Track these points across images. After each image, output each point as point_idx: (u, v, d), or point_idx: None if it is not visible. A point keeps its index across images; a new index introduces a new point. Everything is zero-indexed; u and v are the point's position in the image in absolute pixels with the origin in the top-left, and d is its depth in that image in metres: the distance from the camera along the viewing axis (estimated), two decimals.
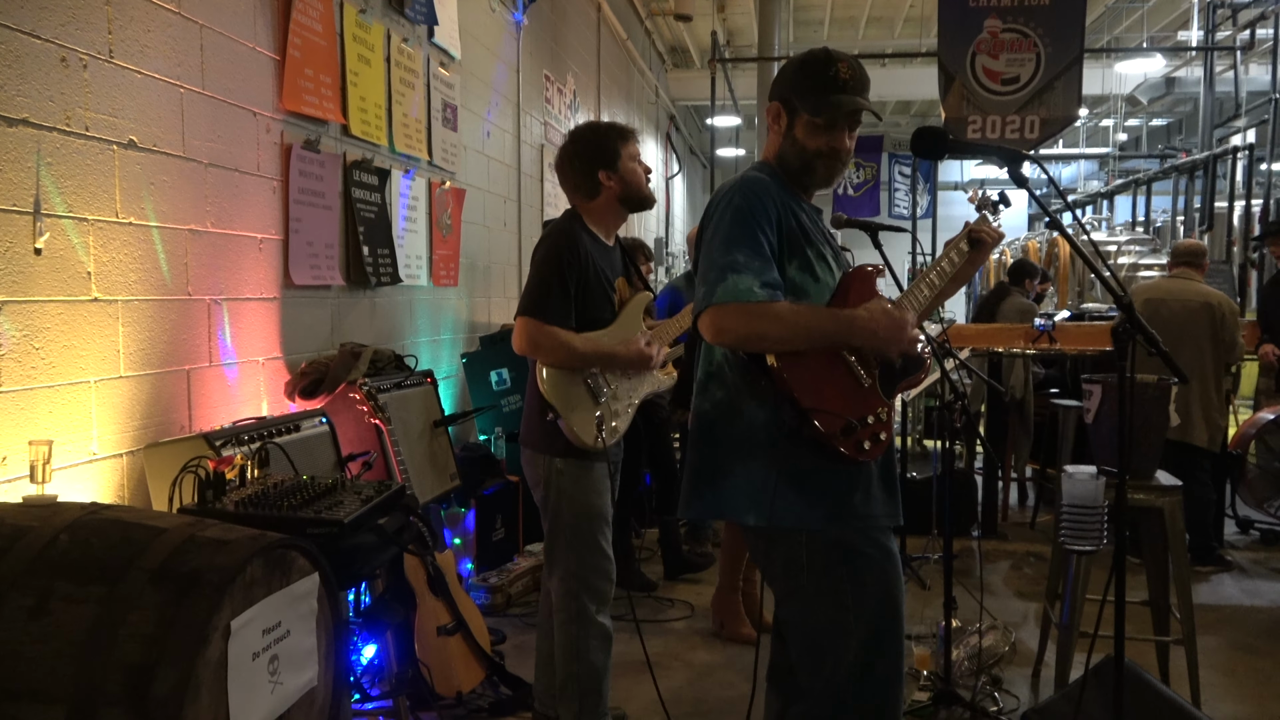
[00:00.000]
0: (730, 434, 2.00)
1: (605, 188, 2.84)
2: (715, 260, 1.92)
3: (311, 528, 2.01)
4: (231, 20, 3.13)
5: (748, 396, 1.98)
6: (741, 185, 2.02)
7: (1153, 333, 1.95)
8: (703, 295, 1.92)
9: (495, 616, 4.17)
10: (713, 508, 2.06)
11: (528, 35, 6.42)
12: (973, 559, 5.22)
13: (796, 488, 1.92)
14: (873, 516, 1.98)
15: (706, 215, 2.06)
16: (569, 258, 2.72)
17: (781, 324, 1.88)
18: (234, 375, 3.18)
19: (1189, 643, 3.13)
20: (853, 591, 1.94)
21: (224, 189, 3.11)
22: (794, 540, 1.95)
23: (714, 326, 1.90)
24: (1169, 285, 5.20)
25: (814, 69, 2.05)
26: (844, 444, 1.87)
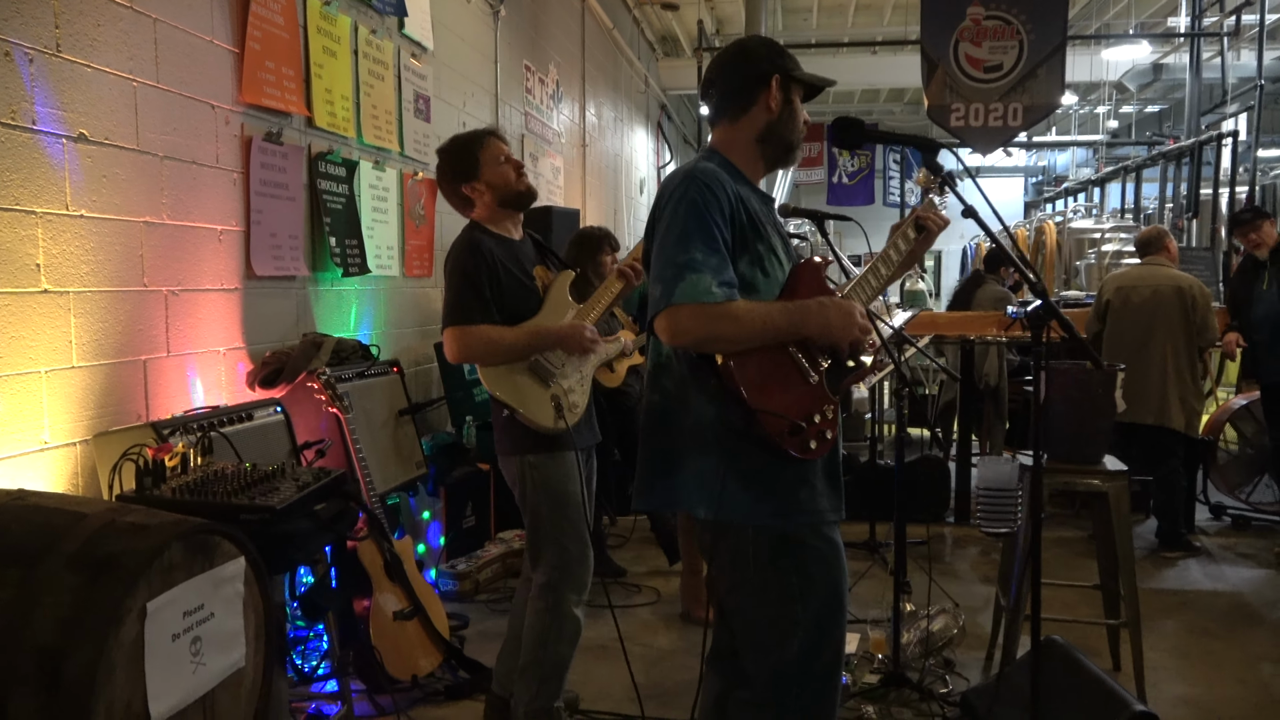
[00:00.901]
0: (680, 426, 2.01)
1: (476, 198, 2.91)
2: (670, 257, 1.89)
3: (245, 514, 2.06)
4: (186, 14, 3.16)
5: (696, 391, 1.98)
6: (694, 176, 1.97)
7: (1066, 319, 1.99)
8: (659, 295, 1.89)
9: (463, 603, 4.23)
10: (666, 499, 2.06)
11: (506, 25, 6.44)
12: (943, 545, 5.27)
13: (743, 482, 1.93)
14: (819, 511, 1.99)
15: (657, 207, 2.03)
16: (473, 263, 2.79)
17: (738, 324, 1.87)
18: (193, 365, 3.22)
19: (1133, 626, 3.18)
20: (799, 584, 1.96)
21: (181, 181, 3.15)
22: (740, 533, 1.96)
23: (672, 328, 1.88)
24: (1139, 272, 5.23)
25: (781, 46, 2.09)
26: (790, 443, 1.89)
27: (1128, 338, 5.06)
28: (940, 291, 15.11)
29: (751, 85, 2.04)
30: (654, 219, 2.02)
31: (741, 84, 2.05)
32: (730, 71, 2.07)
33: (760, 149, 2.08)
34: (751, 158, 2.09)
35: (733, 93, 2.06)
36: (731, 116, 2.07)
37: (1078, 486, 3.18)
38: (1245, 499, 5.69)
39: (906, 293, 10.73)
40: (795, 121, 2.07)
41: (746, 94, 2.04)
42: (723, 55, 2.10)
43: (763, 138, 2.07)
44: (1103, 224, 9.91)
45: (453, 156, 2.95)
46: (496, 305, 2.79)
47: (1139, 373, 4.97)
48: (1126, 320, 5.10)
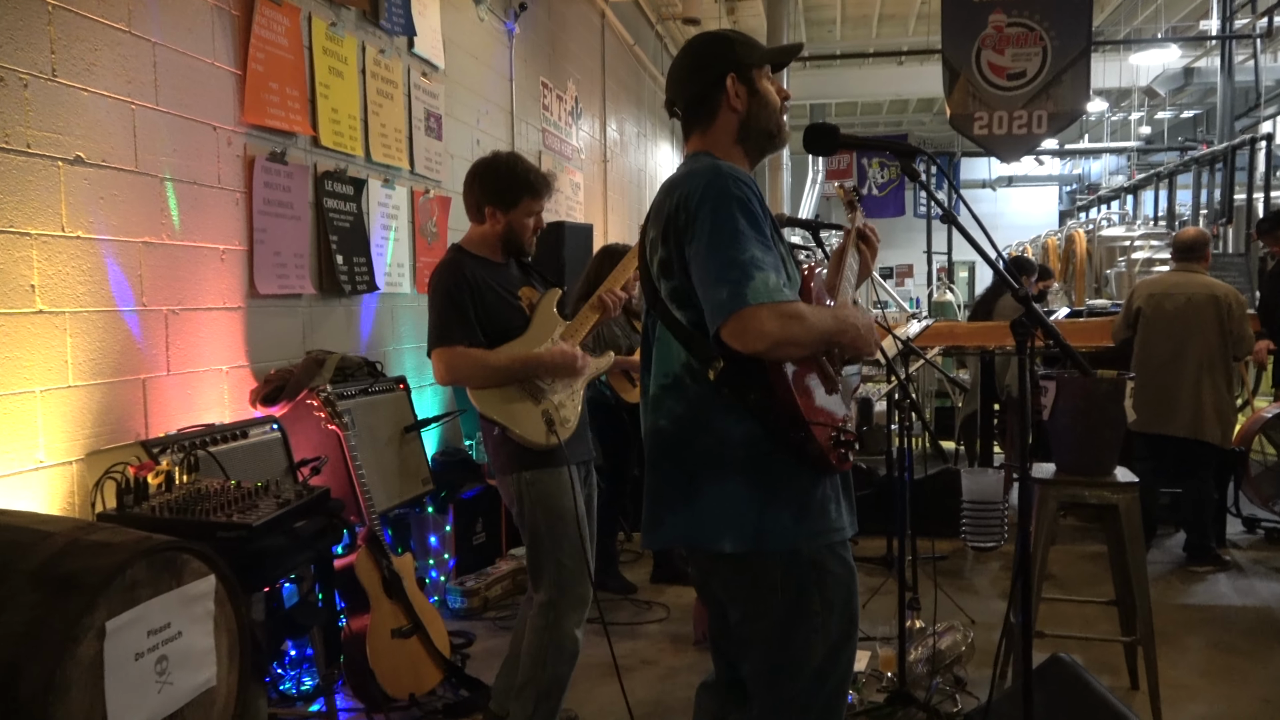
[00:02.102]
0: (696, 451, 1.86)
1: (489, 222, 2.91)
2: (730, 257, 1.73)
3: (221, 531, 2.06)
4: (186, 37, 3.20)
5: (720, 409, 1.84)
6: (727, 174, 1.83)
7: (1052, 326, 1.93)
8: (726, 298, 1.72)
9: (471, 620, 4.21)
10: (680, 534, 1.91)
11: (521, 43, 6.48)
12: (964, 559, 5.17)
13: (778, 504, 1.82)
14: (843, 529, 1.92)
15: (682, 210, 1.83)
16: (455, 284, 2.78)
17: (807, 327, 1.75)
18: (194, 384, 3.25)
19: (1147, 642, 3.08)
20: (821, 612, 1.88)
21: (181, 202, 3.18)
22: (769, 562, 1.85)
23: (750, 331, 1.70)
24: (1173, 279, 5.09)
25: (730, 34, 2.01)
26: (835, 454, 1.82)
27: (1160, 348, 4.91)
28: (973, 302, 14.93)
29: (708, 92, 1.95)
30: (679, 224, 1.83)
31: (698, 93, 1.97)
32: (685, 83, 1.99)
33: (742, 148, 1.99)
34: (737, 157, 1.99)
35: (694, 104, 1.98)
36: (702, 127, 1.99)
37: (1087, 499, 3.10)
38: (1278, 511, 5.51)
39: (934, 304, 10.60)
40: (768, 108, 1.98)
41: (707, 101, 1.96)
42: (674, 66, 2.03)
43: (741, 137, 1.98)
44: (1133, 231, 9.72)
45: (501, 179, 2.91)
46: (482, 324, 2.79)
47: (1171, 384, 4.83)
48: (1159, 329, 4.95)
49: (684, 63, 2.01)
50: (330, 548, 2.36)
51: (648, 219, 1.99)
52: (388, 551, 3.20)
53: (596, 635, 4.05)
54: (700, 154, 1.97)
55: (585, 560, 2.86)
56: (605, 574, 4.70)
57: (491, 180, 2.91)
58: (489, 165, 2.95)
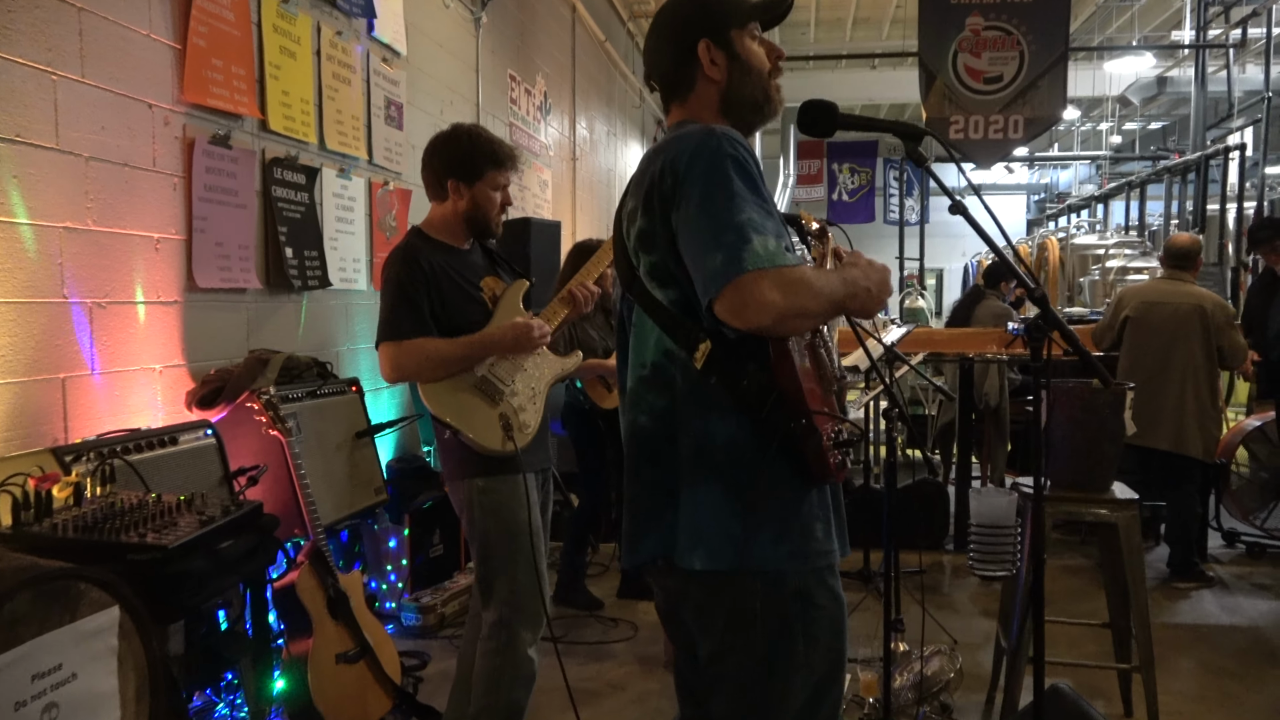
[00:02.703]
0: (676, 455, 1.63)
1: (452, 199, 2.67)
2: (725, 219, 1.51)
3: (132, 553, 1.80)
4: (118, 4, 2.93)
5: (701, 405, 1.60)
6: (724, 134, 1.60)
7: (1070, 330, 1.73)
8: (720, 264, 1.48)
9: (426, 639, 3.96)
10: (654, 550, 1.66)
11: (489, 33, 6.23)
12: (942, 574, 5.00)
13: (761, 518, 1.58)
14: (831, 551, 1.66)
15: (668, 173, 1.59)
16: (408, 273, 2.56)
17: (814, 294, 1.51)
18: (122, 384, 2.97)
19: (1147, 670, 2.90)
20: (805, 649, 1.63)
21: (110, 184, 2.91)
22: (748, 587, 1.60)
23: (750, 301, 1.47)
24: (1160, 287, 4.97)
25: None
26: (834, 456, 1.57)
27: (1145, 358, 4.78)
28: (941, 309, 14.87)
29: (682, 63, 1.73)
30: (664, 190, 1.60)
31: (673, 63, 1.75)
32: (659, 53, 1.78)
33: (727, 121, 1.74)
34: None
35: (669, 76, 1.76)
36: (680, 99, 1.77)
37: (1084, 516, 2.92)
38: (1260, 525, 5.40)
39: (906, 310, 10.48)
40: (752, 72, 1.74)
41: (682, 74, 1.74)
42: (649, 34, 1.81)
43: (723, 109, 1.75)
44: (1106, 240, 9.66)
45: (463, 149, 2.68)
46: (438, 318, 2.55)
47: (1155, 396, 4.69)
48: (1145, 339, 4.81)
49: (656, 30, 1.78)
50: (263, 569, 2.10)
51: (627, 189, 1.74)
52: (333, 569, 2.94)
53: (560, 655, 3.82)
54: (685, 121, 1.74)
55: (541, 575, 2.63)
56: (571, 589, 4.47)
57: (453, 151, 2.67)
58: (449, 136, 2.71)
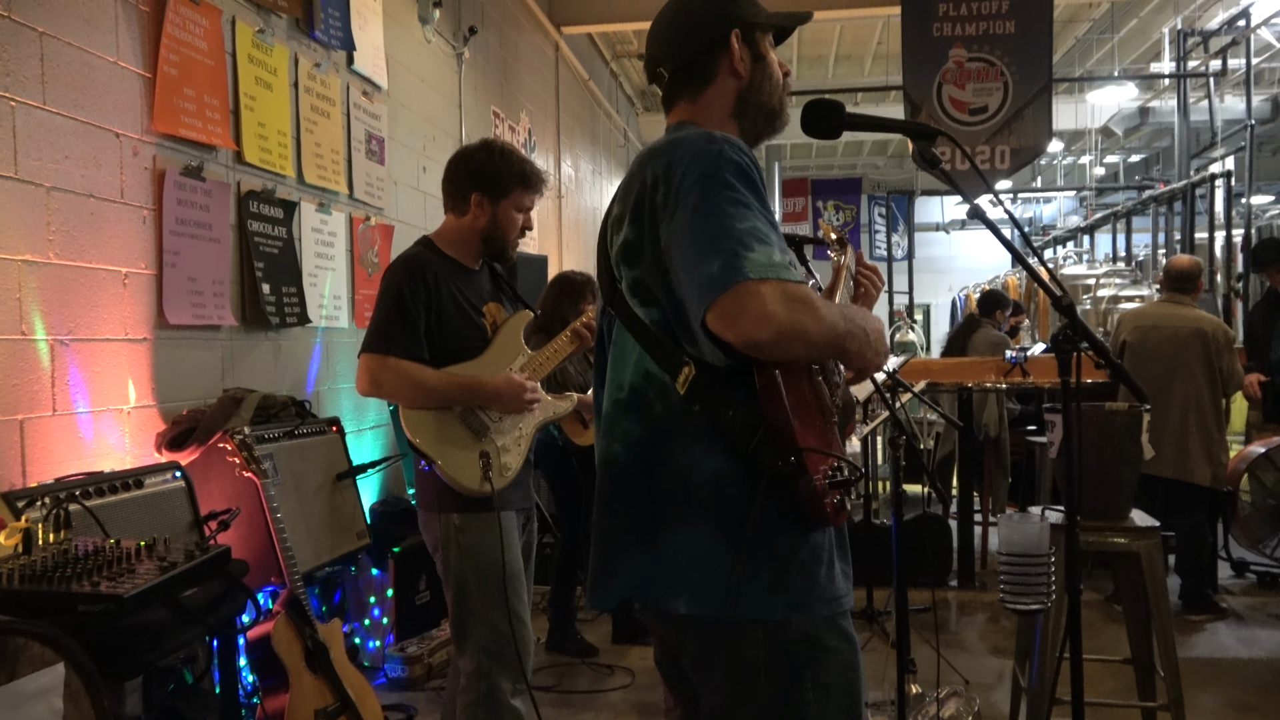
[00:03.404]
0: (655, 487, 1.48)
1: (473, 213, 2.54)
2: (725, 226, 1.37)
3: (83, 604, 1.63)
4: (83, 30, 2.81)
5: (683, 435, 1.46)
6: (725, 139, 1.48)
7: (1102, 343, 1.61)
8: (720, 268, 1.34)
9: (412, 690, 3.75)
10: (634, 589, 1.51)
11: (472, 69, 6.16)
12: (948, 611, 4.83)
13: (754, 566, 1.43)
14: (839, 598, 1.50)
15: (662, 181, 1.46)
16: (412, 285, 2.42)
17: (818, 319, 1.36)
18: (88, 425, 2.81)
19: (1175, 709, 2.74)
20: (816, 699, 1.46)
21: (74, 216, 2.77)
22: (748, 635, 1.45)
23: (749, 311, 1.32)
24: (1158, 311, 4.88)
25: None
26: (830, 497, 1.42)
27: (1144, 383, 4.66)
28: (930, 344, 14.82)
29: (707, 51, 1.60)
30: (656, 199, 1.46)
31: (695, 52, 1.61)
32: (679, 39, 1.62)
33: (738, 124, 1.63)
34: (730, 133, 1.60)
35: (688, 65, 1.62)
36: (692, 92, 1.62)
37: (1103, 546, 2.77)
38: (1270, 554, 5.26)
39: (897, 343, 10.39)
40: (772, 79, 1.63)
41: (704, 63, 1.61)
42: (664, 20, 1.66)
43: (738, 111, 1.63)
44: (1095, 269, 9.63)
45: (494, 163, 2.55)
46: (433, 336, 2.41)
47: (1157, 421, 4.57)
48: (1143, 364, 4.71)
49: (677, 12, 1.64)
50: (231, 619, 1.93)
51: (615, 196, 1.59)
52: (311, 618, 2.76)
53: (551, 706, 3.63)
54: (686, 124, 1.60)
55: (523, 621, 2.48)
56: (562, 634, 4.28)
57: (483, 163, 2.54)
58: (481, 147, 2.60)
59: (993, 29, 8.06)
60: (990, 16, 8.06)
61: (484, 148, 2.62)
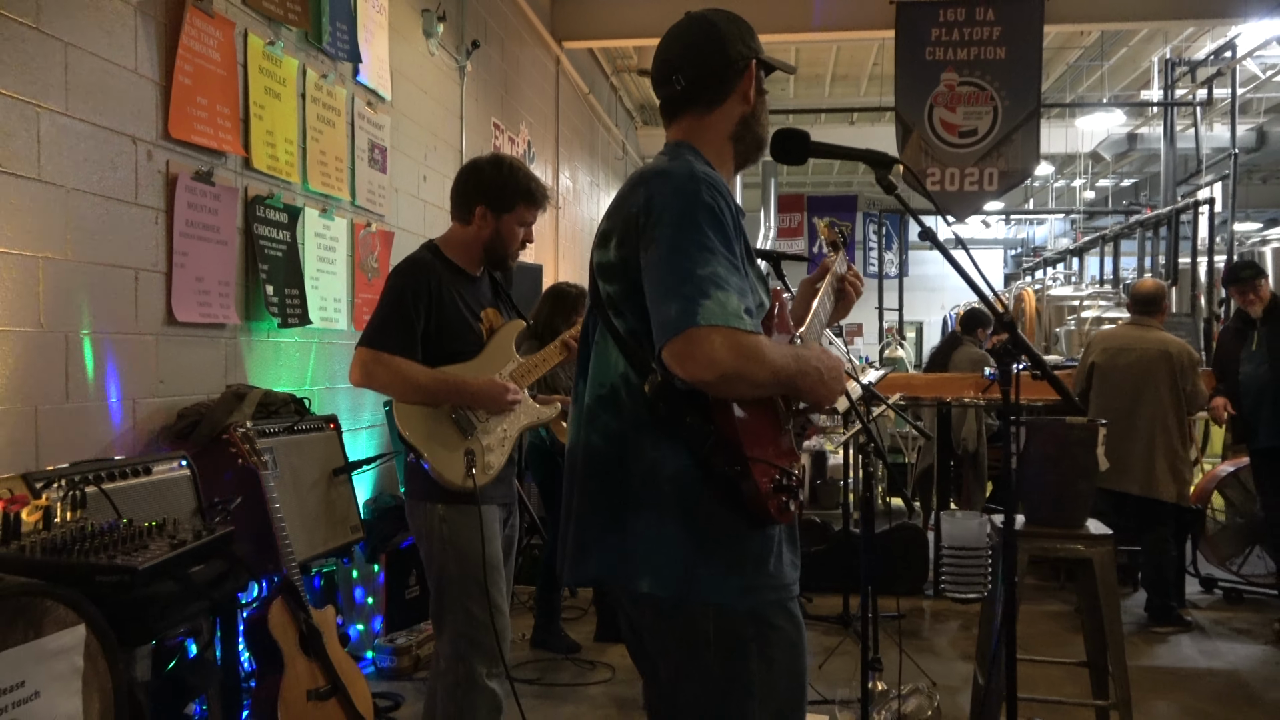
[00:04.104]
0: (628, 477, 1.62)
1: (477, 224, 2.69)
2: (687, 269, 1.51)
3: (100, 574, 1.78)
4: (104, 41, 2.97)
5: (651, 433, 1.60)
6: (705, 179, 1.61)
7: (1039, 355, 1.76)
8: (675, 314, 1.49)
9: (400, 680, 3.89)
10: (606, 568, 1.65)
11: (473, 81, 6.33)
12: (922, 619, 4.97)
13: (709, 551, 1.58)
14: (787, 585, 1.67)
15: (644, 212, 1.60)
16: (414, 287, 2.57)
17: (764, 365, 1.51)
18: (97, 415, 2.95)
19: (1123, 708, 2.89)
20: (760, 672, 1.61)
21: (91, 216, 2.92)
22: (700, 613, 1.60)
23: (697, 356, 1.47)
24: (1127, 333, 5.05)
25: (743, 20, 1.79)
26: (774, 501, 1.58)
27: (1113, 403, 4.84)
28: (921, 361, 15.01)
29: (726, 71, 1.72)
30: (639, 226, 1.61)
31: (716, 69, 1.72)
32: (703, 54, 1.73)
33: (734, 147, 1.77)
34: (723, 158, 1.77)
35: (705, 80, 1.73)
36: (702, 109, 1.74)
37: (1059, 552, 2.93)
38: (1237, 571, 5.42)
39: (886, 359, 10.57)
40: (765, 112, 1.81)
41: (722, 82, 1.73)
42: (687, 34, 1.77)
43: (737, 134, 1.77)
44: (1081, 291, 9.81)
45: (501, 178, 2.70)
46: (431, 339, 2.57)
47: (1124, 440, 4.74)
48: (1112, 384, 4.89)
49: (704, 31, 1.76)
50: (233, 596, 2.08)
51: (608, 211, 1.74)
52: (306, 604, 2.90)
53: (534, 699, 3.77)
54: (683, 146, 1.74)
55: (500, 610, 2.62)
56: (546, 631, 4.42)
57: (491, 178, 2.69)
58: (489, 161, 2.75)
59: (984, 54, 8.25)
60: (982, 43, 8.25)
61: (493, 162, 2.77)
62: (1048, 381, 1.76)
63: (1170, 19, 8.79)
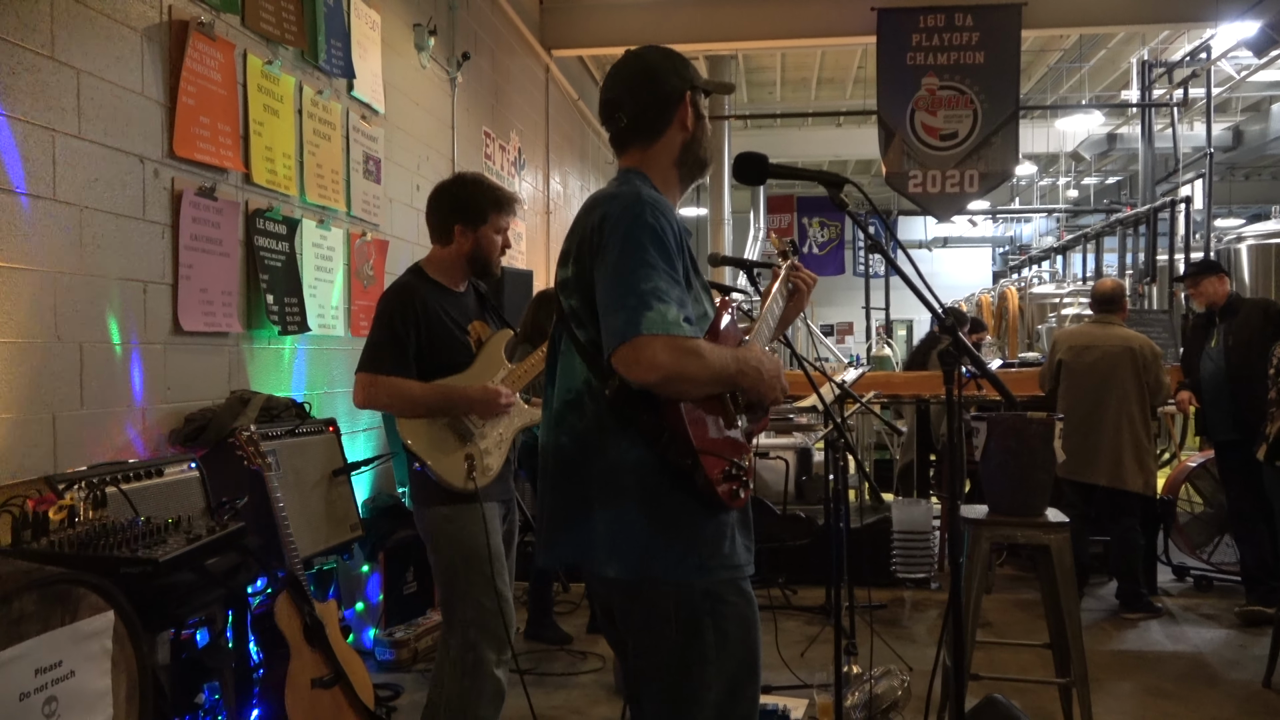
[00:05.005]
0: (592, 471, 1.81)
1: (457, 242, 2.87)
2: (632, 284, 1.71)
3: (125, 566, 1.95)
4: (114, 67, 3.14)
5: (615, 431, 1.79)
6: (650, 202, 1.80)
7: (979, 356, 1.94)
8: (621, 324, 1.69)
9: (400, 672, 4.07)
10: (573, 552, 1.85)
11: (464, 92, 6.50)
12: (902, 608, 5.15)
13: (667, 535, 1.77)
14: (739, 565, 1.85)
15: (597, 232, 1.79)
16: (402, 310, 2.75)
17: (704, 365, 1.71)
18: (110, 420, 3.12)
19: (1080, 684, 3.07)
20: (715, 642, 1.79)
21: (103, 233, 3.09)
22: (661, 592, 1.78)
23: (642, 360, 1.66)
24: (1090, 331, 5.24)
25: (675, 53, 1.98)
26: (725, 490, 1.76)
27: (1080, 399, 5.04)
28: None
29: (664, 105, 1.91)
30: (592, 245, 1.79)
31: (654, 104, 1.91)
32: (640, 91, 1.92)
33: (678, 172, 1.97)
34: (670, 182, 1.96)
35: (645, 114, 1.92)
36: (645, 141, 1.93)
37: (1018, 539, 3.11)
38: (1207, 559, 5.61)
39: (874, 358, 10.75)
40: (706, 134, 1.99)
41: (661, 114, 1.92)
42: (624, 73, 1.97)
43: (680, 160, 1.96)
44: (1062, 289, 10.00)
45: (472, 195, 2.88)
46: (424, 355, 2.74)
47: (1092, 434, 4.94)
48: (1078, 381, 5.09)
49: (639, 70, 1.95)
50: (245, 586, 2.25)
51: (569, 232, 1.93)
52: (309, 597, 3.07)
53: (530, 687, 3.93)
54: (632, 173, 1.93)
55: (505, 598, 2.79)
56: (539, 624, 4.59)
57: (458, 197, 2.87)
58: (454, 182, 2.93)
59: (963, 59, 8.44)
60: (961, 48, 8.44)
61: (457, 181, 2.95)
62: (988, 381, 1.94)
63: (1146, 23, 9.01)
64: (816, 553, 5.29)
